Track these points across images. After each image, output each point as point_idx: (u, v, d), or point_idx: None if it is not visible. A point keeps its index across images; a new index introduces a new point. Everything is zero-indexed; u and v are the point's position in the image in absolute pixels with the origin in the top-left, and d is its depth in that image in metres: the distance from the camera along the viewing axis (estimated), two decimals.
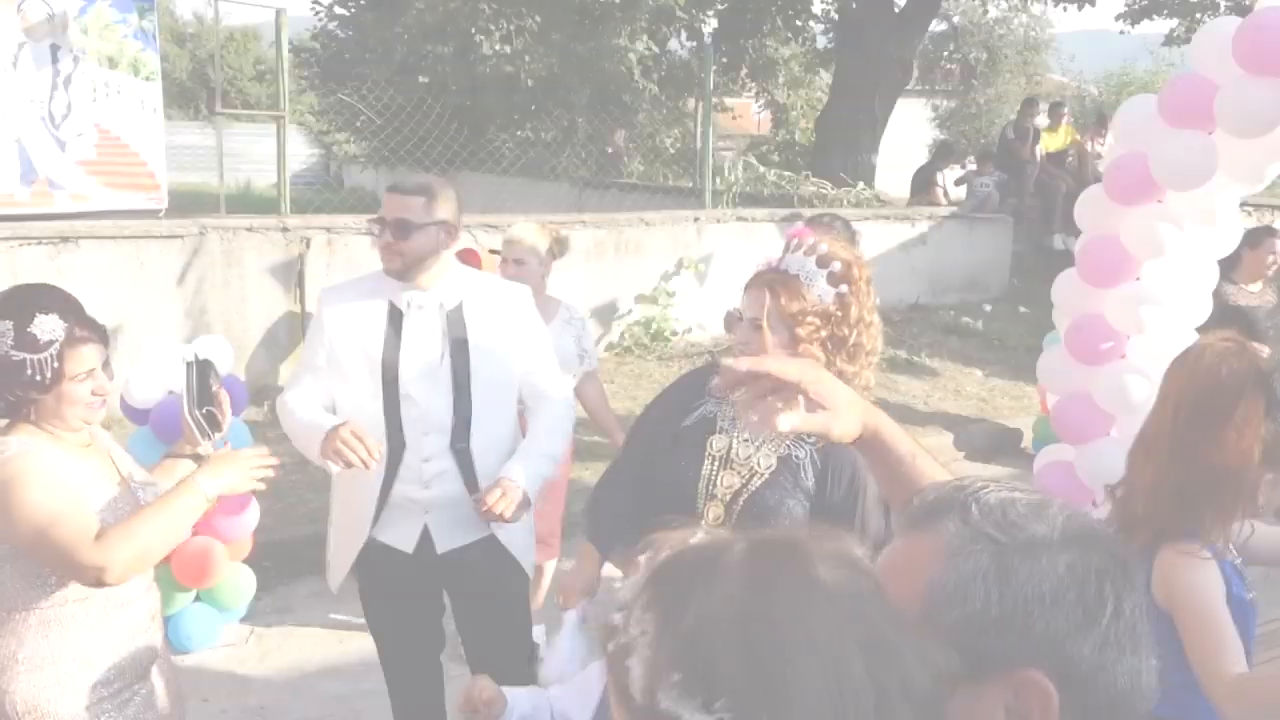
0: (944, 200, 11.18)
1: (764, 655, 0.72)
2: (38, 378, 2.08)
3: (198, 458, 2.41)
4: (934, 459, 1.37)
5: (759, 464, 2.18)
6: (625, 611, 0.78)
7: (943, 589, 0.90)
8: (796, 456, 2.18)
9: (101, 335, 2.20)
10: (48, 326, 2.09)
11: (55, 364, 2.09)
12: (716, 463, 2.20)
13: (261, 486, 2.33)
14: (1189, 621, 1.88)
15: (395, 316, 2.71)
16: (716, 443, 2.21)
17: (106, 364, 2.22)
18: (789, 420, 1.26)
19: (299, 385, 2.79)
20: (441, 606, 2.98)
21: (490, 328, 2.74)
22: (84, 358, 2.14)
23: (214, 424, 2.42)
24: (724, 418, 2.24)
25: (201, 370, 2.43)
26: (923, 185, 11.59)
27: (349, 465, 2.54)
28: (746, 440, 2.20)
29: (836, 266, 2.10)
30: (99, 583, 2.07)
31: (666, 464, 2.27)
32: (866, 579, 0.81)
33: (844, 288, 2.10)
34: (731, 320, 4.02)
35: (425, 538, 2.74)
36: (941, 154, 12.25)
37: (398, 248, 2.64)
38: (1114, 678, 0.89)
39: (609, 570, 2.38)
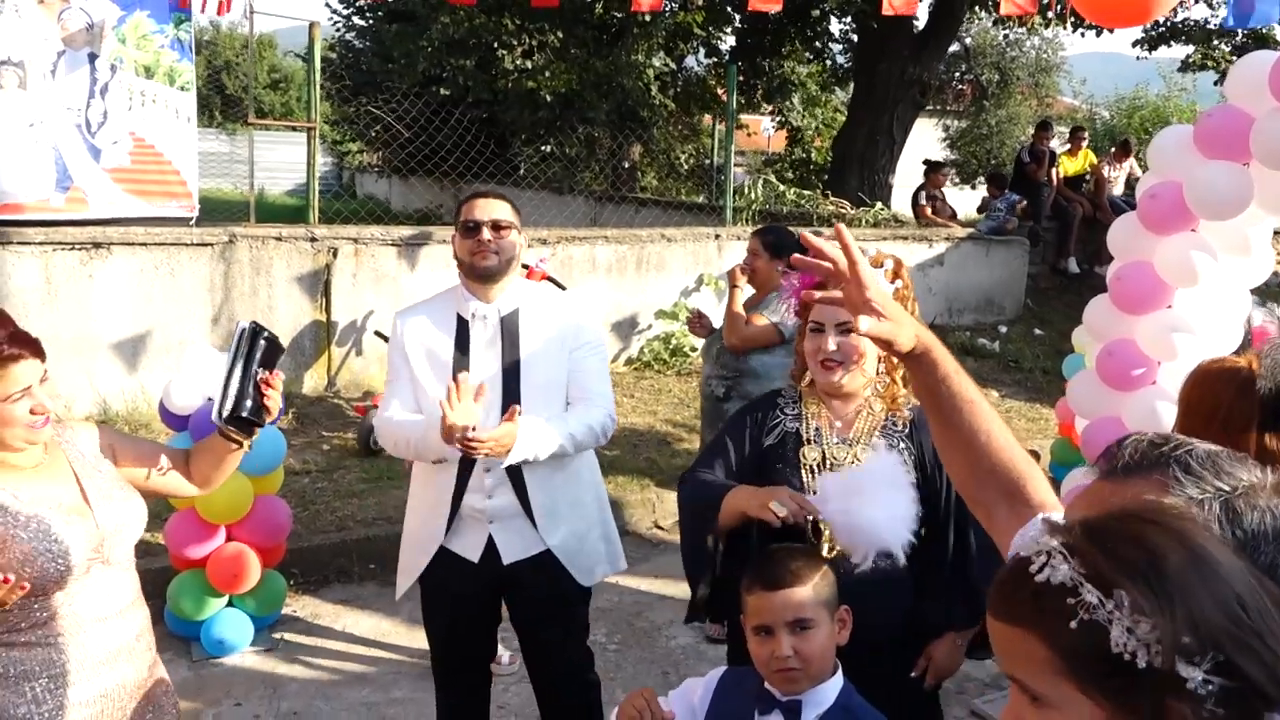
0: (944, 221, 11.01)
1: (1233, 611, 0.89)
2: None
3: (240, 443, 2.36)
4: (971, 380, 1.56)
5: (859, 457, 2.26)
6: (1081, 593, 0.90)
7: None
8: (889, 442, 2.27)
9: (36, 350, 2.05)
10: None
11: None
12: (815, 470, 2.28)
13: None
14: None
15: (462, 327, 2.78)
16: (809, 453, 2.30)
17: (45, 378, 2.06)
18: (867, 322, 1.48)
19: (390, 405, 2.83)
20: (499, 616, 3.02)
21: (542, 335, 2.78)
22: (15, 377, 2.00)
23: (246, 427, 2.26)
24: (807, 429, 2.33)
25: (250, 351, 2.25)
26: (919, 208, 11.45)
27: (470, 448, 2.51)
28: (838, 443, 2.29)
29: (889, 264, 2.29)
30: None
31: (765, 481, 2.32)
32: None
33: (898, 283, 2.28)
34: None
35: (490, 548, 2.79)
36: (928, 171, 11.60)
37: (496, 244, 2.71)
38: None
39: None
